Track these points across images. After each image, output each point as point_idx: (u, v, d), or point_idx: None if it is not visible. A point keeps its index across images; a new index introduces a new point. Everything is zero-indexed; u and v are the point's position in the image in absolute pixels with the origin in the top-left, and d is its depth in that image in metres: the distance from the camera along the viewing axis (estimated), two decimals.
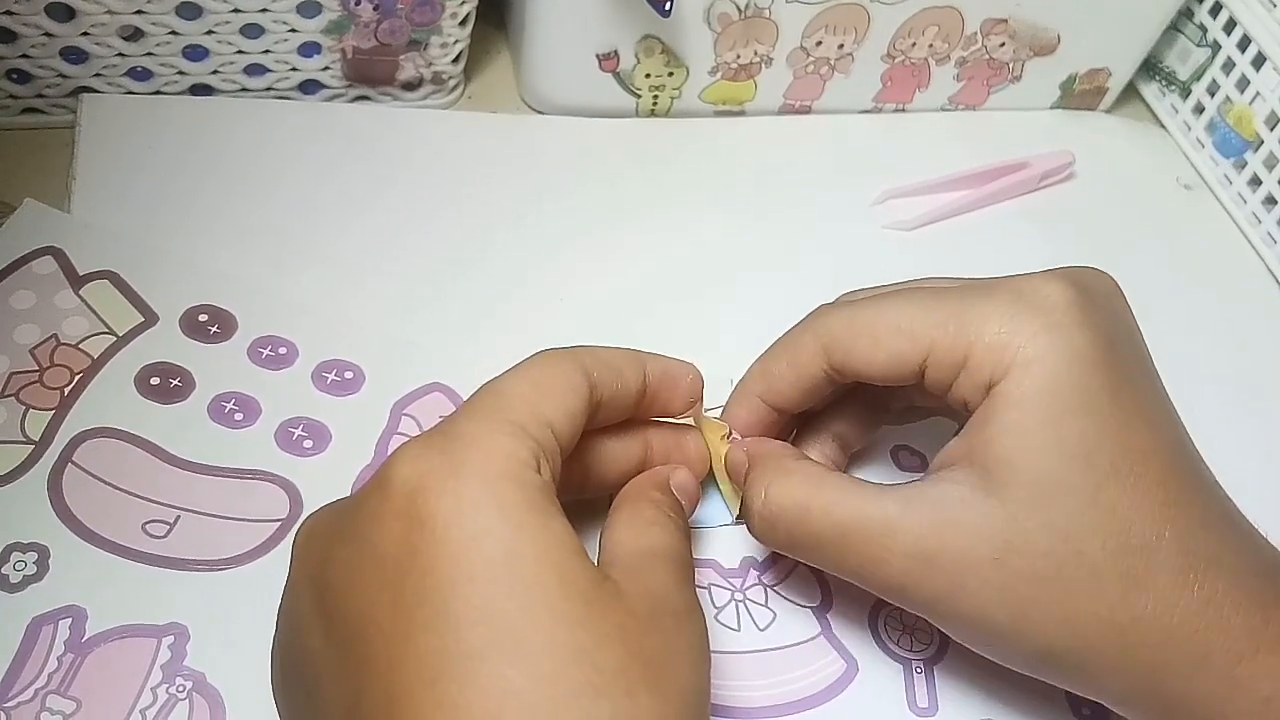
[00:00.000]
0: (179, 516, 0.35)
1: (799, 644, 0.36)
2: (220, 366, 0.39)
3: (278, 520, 0.36)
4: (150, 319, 0.39)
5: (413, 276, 0.43)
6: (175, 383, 0.38)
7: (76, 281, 0.40)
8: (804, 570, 0.37)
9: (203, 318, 0.40)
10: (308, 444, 0.37)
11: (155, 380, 0.38)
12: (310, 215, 0.44)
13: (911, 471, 0.41)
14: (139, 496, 0.35)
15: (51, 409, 0.36)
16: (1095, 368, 0.30)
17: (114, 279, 0.40)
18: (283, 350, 0.40)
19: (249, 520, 0.35)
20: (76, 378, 0.37)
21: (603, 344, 0.32)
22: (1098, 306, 0.32)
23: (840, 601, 0.37)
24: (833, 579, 0.37)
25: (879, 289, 0.36)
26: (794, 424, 0.38)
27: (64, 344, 0.38)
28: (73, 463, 0.35)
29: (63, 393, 0.37)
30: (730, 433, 0.36)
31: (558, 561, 0.24)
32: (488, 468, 0.25)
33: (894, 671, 0.36)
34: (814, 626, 0.36)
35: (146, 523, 0.35)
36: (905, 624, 0.37)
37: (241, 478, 0.36)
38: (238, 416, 0.38)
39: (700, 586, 0.36)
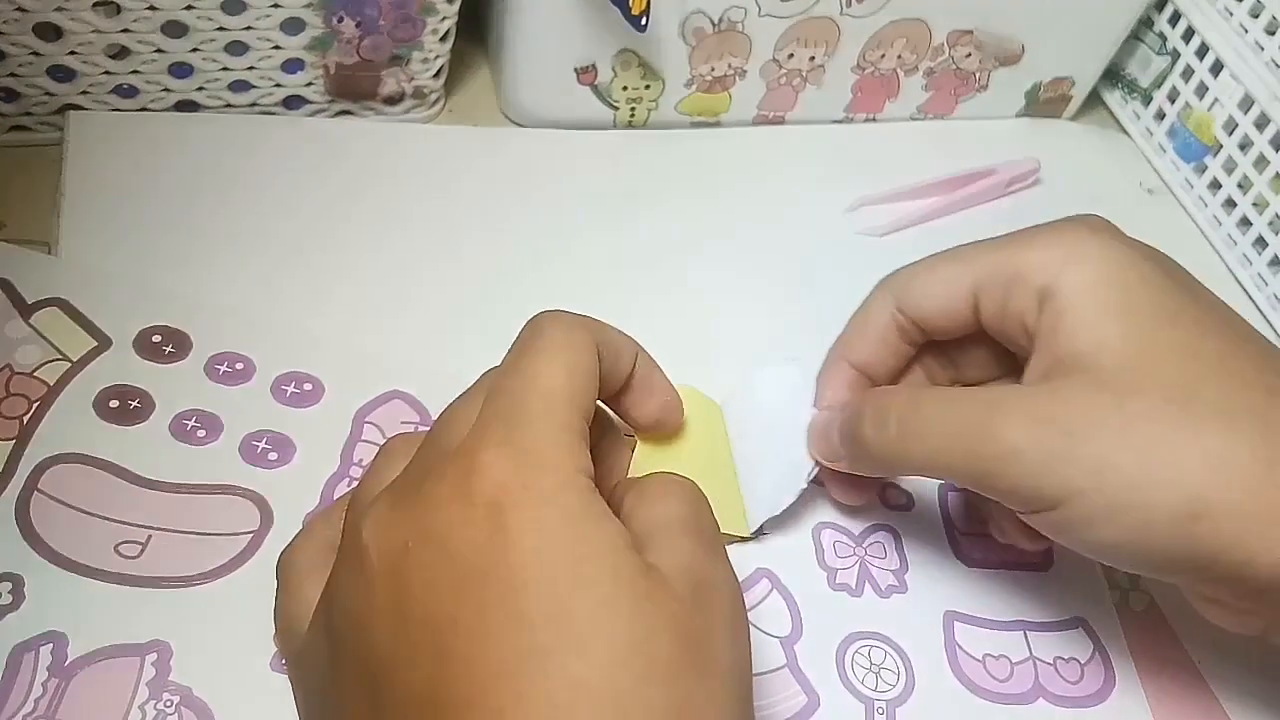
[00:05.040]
0: (150, 536, 0.33)
1: (762, 674, 0.34)
2: (178, 385, 0.37)
3: (249, 533, 0.34)
4: (104, 343, 0.37)
5: (393, 287, 0.42)
6: (135, 404, 0.36)
7: (25, 310, 0.38)
8: (776, 599, 0.36)
9: (156, 338, 0.38)
10: (273, 456, 0.36)
11: (114, 403, 0.36)
12: (293, 228, 0.43)
13: (899, 509, 0.39)
14: (109, 519, 0.33)
15: (12, 439, 0.34)
16: (1147, 259, 0.31)
17: (64, 305, 0.38)
18: (240, 365, 0.38)
19: (221, 535, 0.34)
20: (34, 406, 0.35)
21: None
22: None
23: (810, 634, 0.35)
24: (804, 608, 0.36)
25: None
26: None
27: (19, 373, 0.36)
28: (39, 490, 0.33)
29: (21, 421, 0.35)
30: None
31: (611, 561, 0.25)
32: (556, 481, 0.25)
33: (855, 711, 0.34)
34: (780, 657, 0.34)
35: (118, 544, 0.33)
36: (873, 662, 0.35)
37: (210, 493, 0.34)
38: (200, 433, 0.36)
39: None
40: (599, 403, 0.30)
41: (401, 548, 0.25)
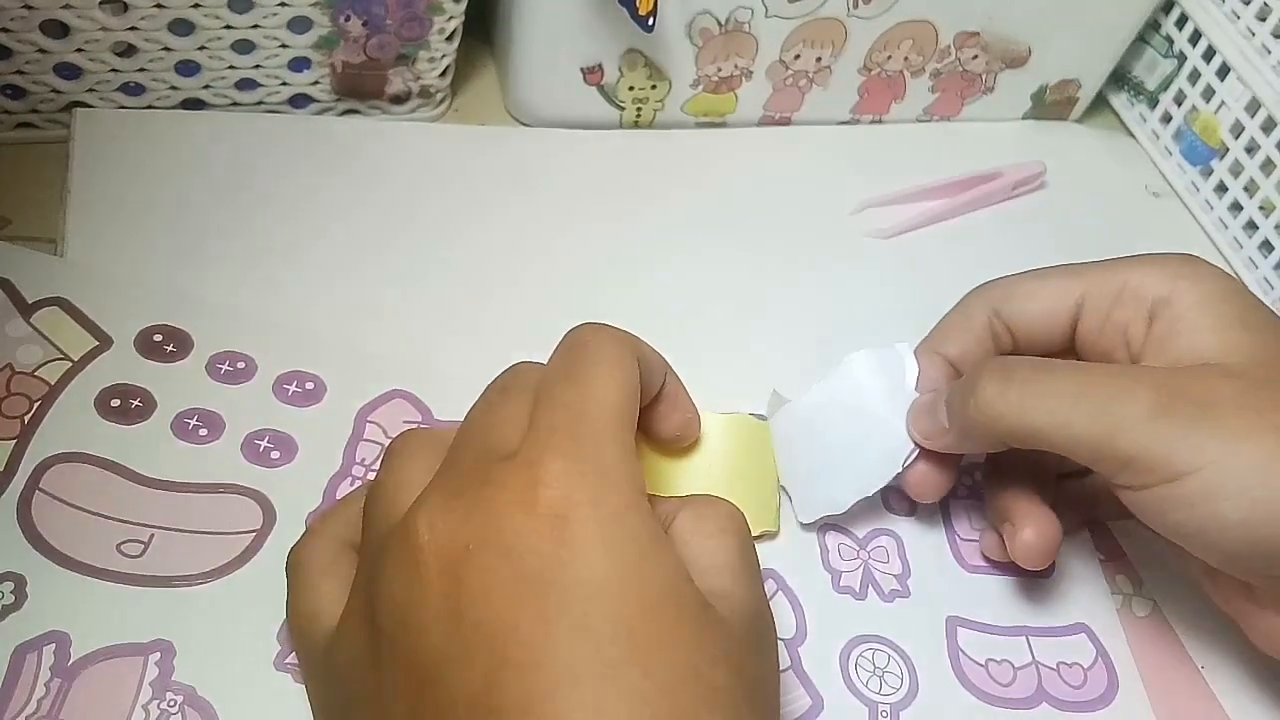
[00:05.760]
0: (153, 535, 0.33)
1: None
2: (180, 384, 0.37)
3: (252, 531, 0.34)
4: (105, 342, 0.37)
5: (397, 286, 0.42)
6: (136, 403, 0.36)
7: (26, 310, 0.37)
8: (781, 601, 0.36)
9: (157, 338, 0.38)
10: (275, 455, 0.36)
11: (115, 402, 0.36)
12: (298, 226, 0.42)
13: (901, 515, 0.39)
14: (111, 518, 0.33)
15: (13, 438, 0.34)
16: (1244, 286, 0.33)
17: (64, 305, 0.38)
18: (241, 365, 0.38)
19: (223, 533, 0.33)
20: (35, 405, 0.35)
21: None
22: None
23: (814, 637, 0.35)
24: (809, 611, 0.35)
25: None
26: None
27: (20, 372, 0.36)
28: (40, 489, 0.33)
29: (23, 421, 0.35)
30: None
31: (675, 589, 0.25)
32: (622, 501, 0.26)
33: (859, 714, 0.34)
34: (784, 659, 0.34)
35: (121, 543, 0.33)
36: (877, 666, 0.35)
37: (212, 492, 0.34)
38: (202, 432, 0.36)
39: None
40: None
41: (461, 550, 0.25)
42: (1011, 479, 0.36)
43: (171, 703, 0.30)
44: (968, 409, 0.33)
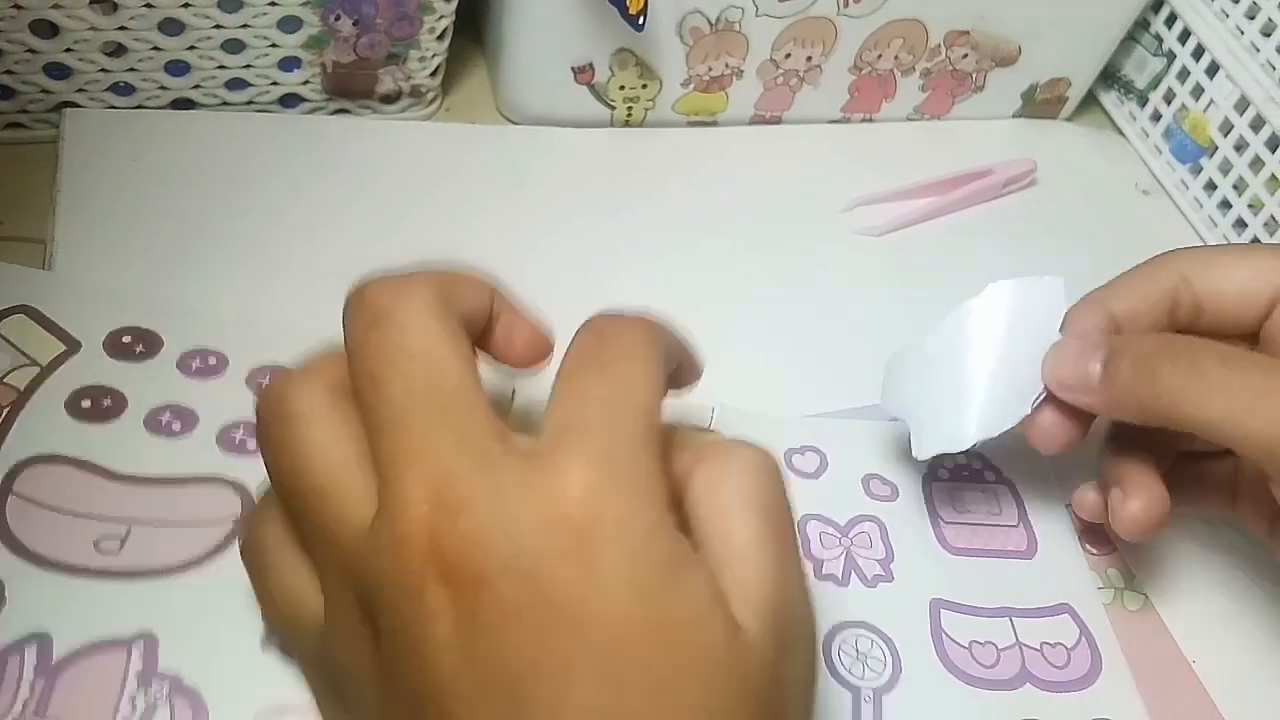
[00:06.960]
0: (129, 530, 0.33)
1: None
2: (151, 382, 0.36)
3: (231, 519, 0.33)
4: (73, 346, 0.37)
5: None
6: (107, 403, 0.35)
7: None
8: None
9: (126, 339, 0.37)
10: (250, 445, 0.35)
11: (86, 403, 0.35)
12: (290, 226, 0.42)
13: (884, 500, 0.39)
14: (86, 516, 0.33)
15: None
16: None
17: (30, 312, 0.37)
18: (213, 361, 0.37)
19: (202, 523, 0.33)
20: (4, 411, 0.35)
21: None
22: None
23: None
24: None
25: None
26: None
27: None
28: (13, 493, 0.33)
29: None
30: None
31: (699, 622, 0.23)
32: (650, 519, 0.23)
33: (842, 699, 0.33)
34: None
35: (98, 540, 0.32)
36: (860, 651, 0.35)
37: (187, 484, 0.34)
38: (175, 426, 0.35)
39: None
40: None
41: (476, 578, 0.22)
42: (1131, 446, 0.35)
43: (158, 692, 0.30)
44: (1139, 385, 0.31)
